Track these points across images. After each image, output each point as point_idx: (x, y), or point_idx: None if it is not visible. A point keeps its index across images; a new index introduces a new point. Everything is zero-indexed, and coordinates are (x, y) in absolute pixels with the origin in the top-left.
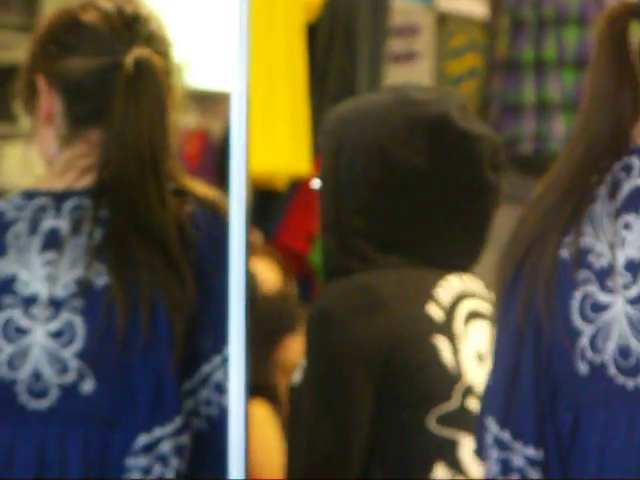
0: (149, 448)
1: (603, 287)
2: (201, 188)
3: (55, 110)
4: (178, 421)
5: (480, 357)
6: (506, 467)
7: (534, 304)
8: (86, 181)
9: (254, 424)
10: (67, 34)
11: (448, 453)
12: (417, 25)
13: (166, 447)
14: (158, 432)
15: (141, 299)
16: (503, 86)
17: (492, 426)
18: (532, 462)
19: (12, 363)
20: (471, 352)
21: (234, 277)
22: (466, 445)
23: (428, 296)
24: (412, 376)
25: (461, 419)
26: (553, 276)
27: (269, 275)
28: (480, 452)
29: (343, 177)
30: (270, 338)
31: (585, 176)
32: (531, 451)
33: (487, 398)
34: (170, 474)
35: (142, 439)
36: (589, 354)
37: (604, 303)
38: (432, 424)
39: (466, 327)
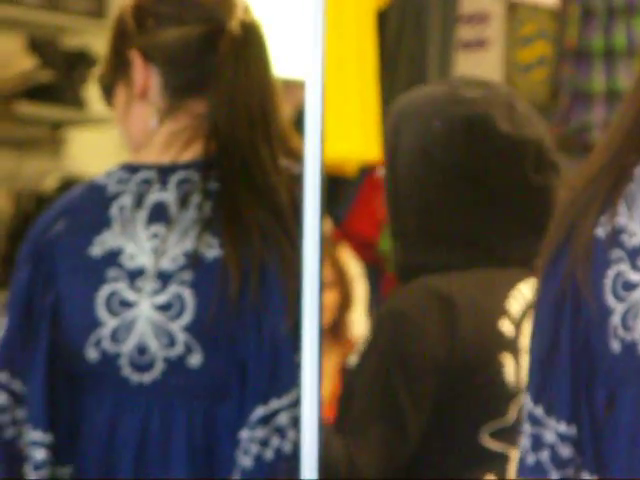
0: (266, 420)
1: (634, 266)
2: None
3: (152, 84)
4: (294, 393)
5: None
6: (537, 442)
7: (573, 283)
8: (191, 154)
9: None
10: (164, 5)
11: (498, 466)
12: (487, 13)
13: (283, 419)
14: (275, 404)
15: (253, 267)
16: (573, 74)
17: (527, 402)
18: (563, 438)
19: (116, 336)
20: None
21: (308, 263)
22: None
23: (501, 309)
24: (473, 392)
25: (514, 434)
26: (589, 255)
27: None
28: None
29: (399, 177)
30: None
31: (624, 156)
32: (563, 427)
33: (527, 374)
34: (287, 446)
35: (259, 411)
36: (621, 332)
37: (635, 282)
38: (485, 438)
39: None
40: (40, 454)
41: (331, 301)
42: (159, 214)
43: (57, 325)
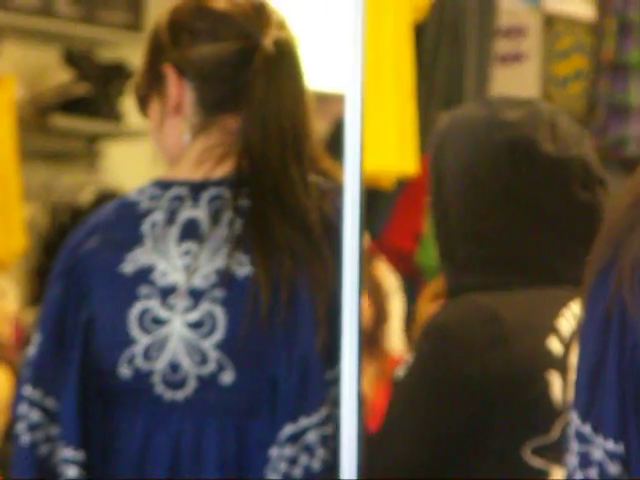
0: (295, 438)
1: None
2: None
3: (185, 99)
4: (324, 411)
5: None
6: (585, 460)
7: (619, 302)
8: (223, 170)
9: None
10: (199, 21)
11: None
12: (524, 26)
13: (312, 437)
14: (304, 422)
15: (283, 285)
16: (609, 88)
17: (574, 419)
18: (612, 456)
19: (149, 354)
20: None
21: (348, 278)
22: (557, 476)
23: (551, 328)
24: (519, 408)
25: (557, 451)
26: (636, 275)
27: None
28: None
29: (447, 201)
30: None
31: None
32: (611, 445)
33: (573, 393)
34: (316, 464)
35: (288, 429)
36: None
37: None
38: (527, 454)
39: None
40: (72, 471)
41: (366, 315)
42: (191, 231)
43: (90, 342)
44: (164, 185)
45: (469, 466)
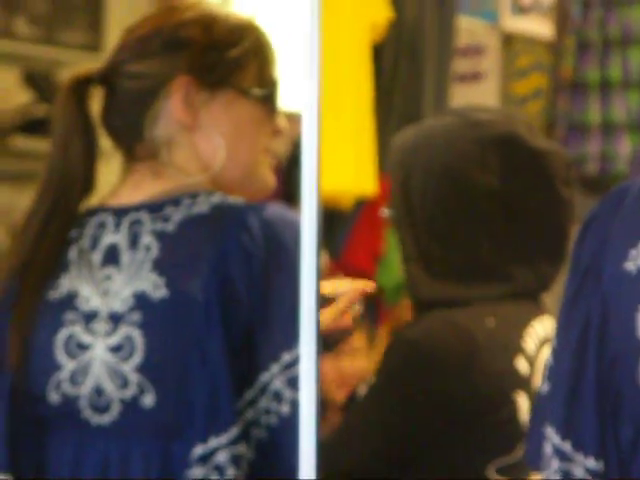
0: (205, 458)
1: None
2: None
3: None
4: (234, 431)
5: None
6: (566, 478)
7: (598, 317)
8: (142, 195)
9: None
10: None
11: None
12: (483, 45)
13: (222, 457)
14: (214, 442)
15: (197, 307)
16: (568, 106)
17: (553, 436)
18: (593, 473)
19: (75, 379)
20: None
21: (305, 299)
22: None
23: (518, 348)
24: (486, 429)
25: (520, 470)
26: (617, 288)
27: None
28: (532, 459)
29: (416, 205)
30: None
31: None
32: (591, 462)
33: (545, 406)
34: None
35: (198, 449)
36: None
37: None
38: (492, 473)
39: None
40: None
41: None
42: (112, 256)
43: (24, 369)
44: (90, 212)
45: None
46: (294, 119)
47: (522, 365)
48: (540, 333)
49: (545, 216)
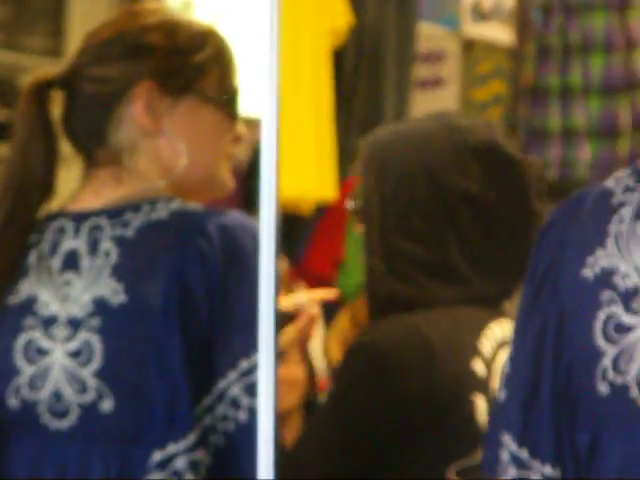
0: (164, 464)
1: (628, 309)
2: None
3: None
4: (192, 437)
5: None
6: None
7: (554, 324)
8: (102, 200)
9: None
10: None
11: None
12: (443, 51)
13: (180, 463)
14: (172, 448)
15: (155, 313)
16: (529, 112)
17: (510, 443)
18: None
19: (33, 384)
20: None
21: (264, 306)
22: None
23: (474, 350)
24: (445, 431)
25: (479, 473)
26: (574, 295)
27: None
28: (489, 466)
29: (388, 202)
30: None
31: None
32: (548, 469)
33: (501, 413)
34: None
35: (157, 455)
36: (611, 375)
37: (629, 325)
38: (452, 475)
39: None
40: None
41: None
42: (71, 261)
43: None
44: (50, 217)
45: None
46: (254, 125)
47: (479, 367)
48: (498, 335)
49: (517, 227)
